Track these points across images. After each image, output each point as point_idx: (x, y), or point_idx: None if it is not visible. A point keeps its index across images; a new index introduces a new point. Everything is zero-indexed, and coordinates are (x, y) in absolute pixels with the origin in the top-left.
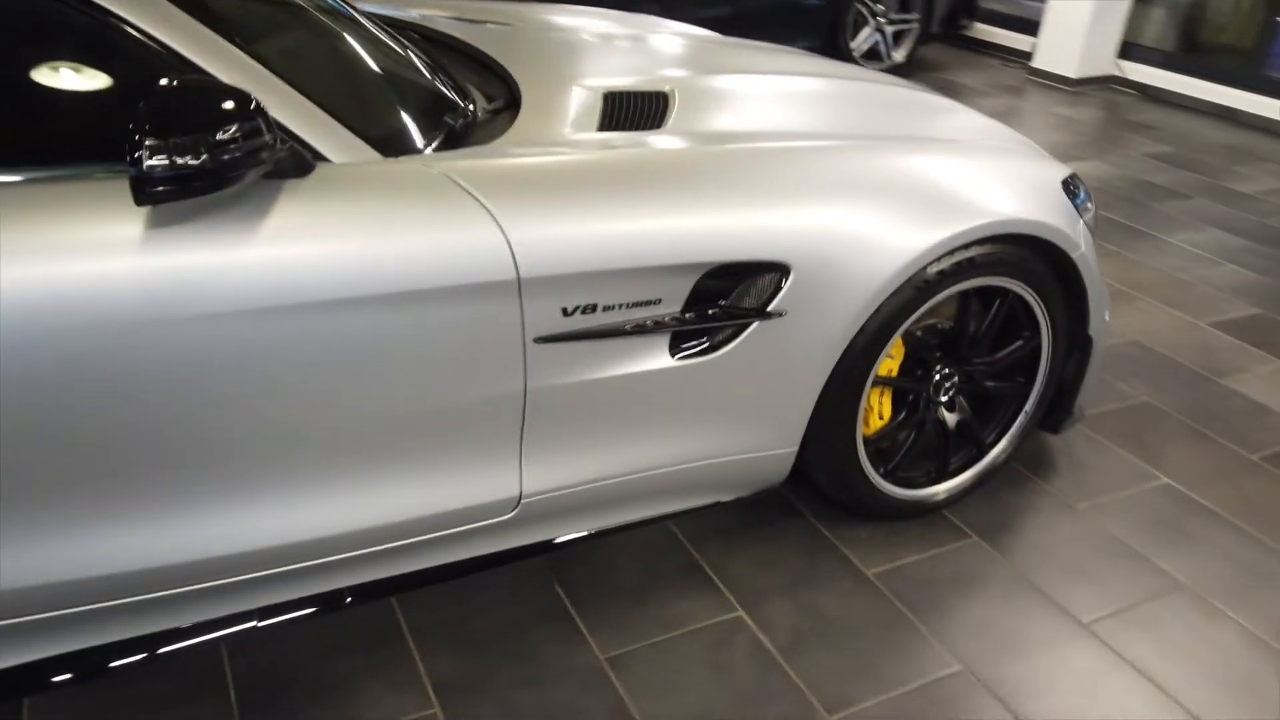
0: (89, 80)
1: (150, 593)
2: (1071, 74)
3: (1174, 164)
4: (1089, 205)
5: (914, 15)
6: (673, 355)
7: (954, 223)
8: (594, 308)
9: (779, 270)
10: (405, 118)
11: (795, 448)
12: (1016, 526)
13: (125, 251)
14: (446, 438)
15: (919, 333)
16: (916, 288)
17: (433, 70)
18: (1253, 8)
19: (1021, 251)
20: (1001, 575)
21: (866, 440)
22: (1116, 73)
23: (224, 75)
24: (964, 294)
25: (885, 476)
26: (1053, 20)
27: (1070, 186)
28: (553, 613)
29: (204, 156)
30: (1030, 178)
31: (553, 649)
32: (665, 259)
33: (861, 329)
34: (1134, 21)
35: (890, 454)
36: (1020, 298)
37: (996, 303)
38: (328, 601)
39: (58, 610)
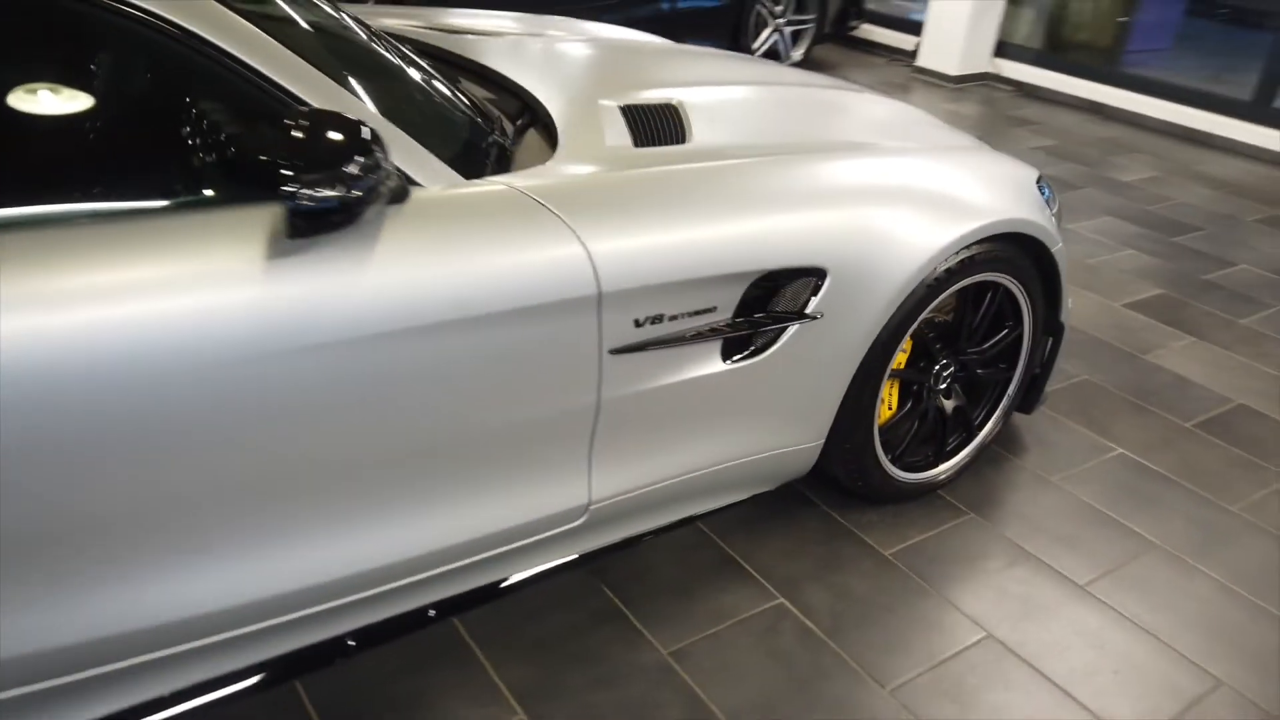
0: (200, 114)
1: (264, 621)
2: (953, 71)
3: (1059, 156)
4: (1054, 202)
5: (810, 16)
6: (724, 360)
7: (962, 224)
8: (660, 318)
9: (816, 274)
10: (470, 140)
11: (822, 441)
12: (1004, 501)
13: (261, 281)
14: (525, 450)
15: (925, 327)
16: (928, 285)
17: (461, 90)
18: (1109, 9)
19: (1011, 248)
20: (1001, 547)
21: (879, 430)
22: (993, 70)
23: (326, 107)
24: (962, 289)
25: (894, 463)
26: (934, 21)
27: (1039, 185)
28: (607, 614)
29: (342, 190)
30: (1013, 179)
31: (616, 649)
32: (723, 268)
33: (885, 326)
34: (1007, 22)
35: (896, 442)
36: (1008, 290)
37: (989, 296)
38: (409, 621)
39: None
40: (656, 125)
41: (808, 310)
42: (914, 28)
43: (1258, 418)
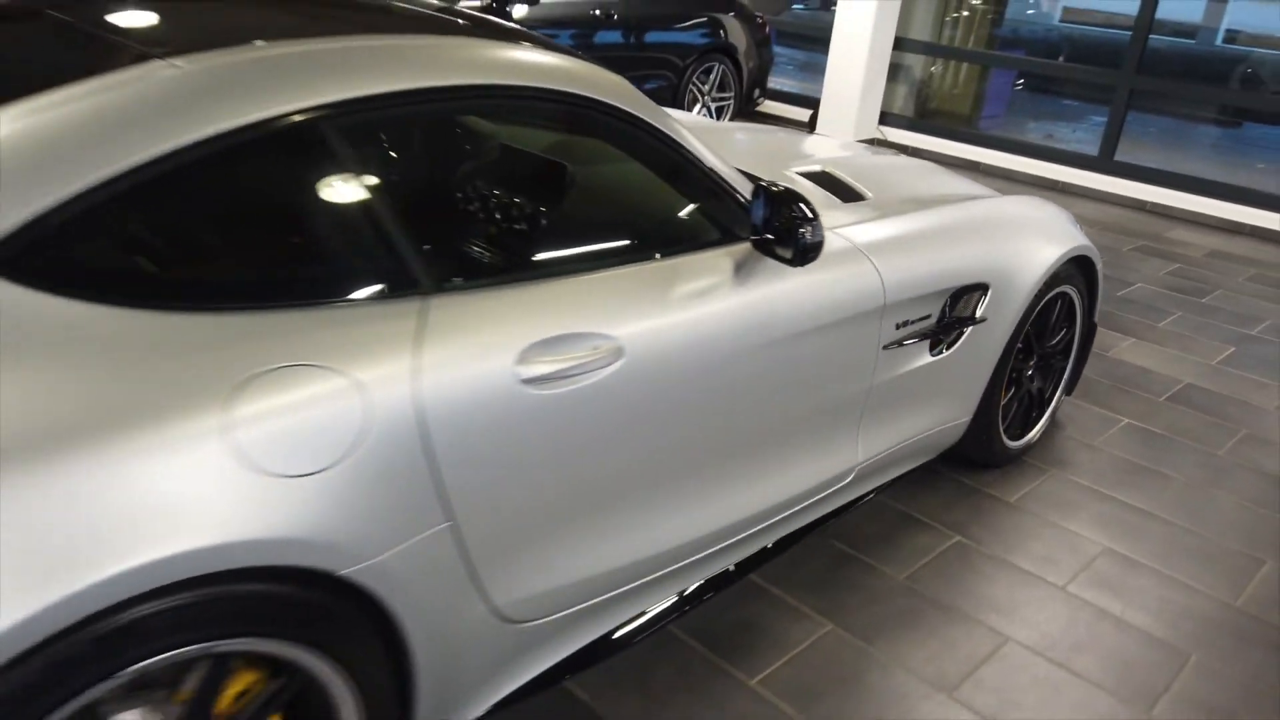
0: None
1: (690, 557)
2: (849, 138)
3: None
4: None
5: (729, 94)
6: (931, 354)
7: (1058, 248)
8: (908, 322)
9: (981, 288)
10: None
11: (970, 418)
12: (1067, 461)
13: (725, 301)
14: (832, 421)
15: (1028, 327)
16: (1037, 295)
17: None
18: (965, 82)
19: (1074, 267)
20: (1080, 493)
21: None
22: (880, 136)
23: (727, 175)
24: (1049, 299)
25: (1005, 432)
26: (830, 95)
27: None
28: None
29: (810, 235)
30: (1066, 214)
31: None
32: (940, 285)
33: (1016, 327)
34: (887, 95)
35: (1005, 417)
36: (1070, 299)
37: (1059, 304)
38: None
39: (638, 579)
40: (839, 188)
41: (977, 315)
42: (804, 101)
43: (1205, 391)
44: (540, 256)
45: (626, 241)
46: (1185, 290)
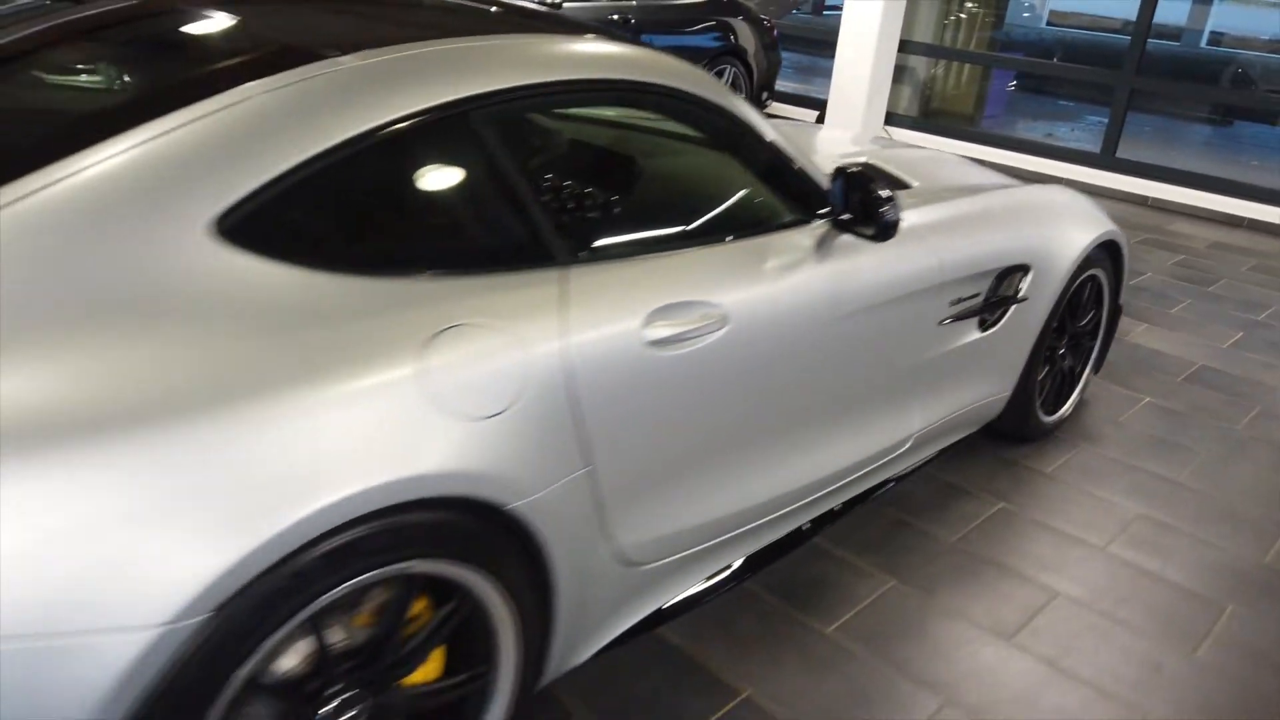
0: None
1: (747, 525)
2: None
3: None
4: None
5: (740, 95)
6: (979, 330)
7: (1090, 233)
8: (960, 300)
9: (1023, 269)
10: None
11: (1011, 392)
12: (1103, 435)
13: (810, 276)
14: (890, 393)
15: (1062, 307)
16: (1072, 276)
17: None
18: (967, 82)
19: (1103, 252)
20: (1111, 466)
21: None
22: (885, 136)
23: (799, 158)
24: (1081, 281)
25: (1040, 407)
26: (837, 96)
27: None
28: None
29: (892, 212)
30: (1093, 202)
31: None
32: (989, 265)
33: (1053, 306)
34: (892, 96)
35: (1040, 392)
36: (1099, 282)
37: (1089, 286)
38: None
39: (732, 530)
40: (883, 177)
41: (1020, 295)
42: (809, 102)
43: (1218, 372)
44: (653, 234)
45: (724, 220)
46: (1192, 280)
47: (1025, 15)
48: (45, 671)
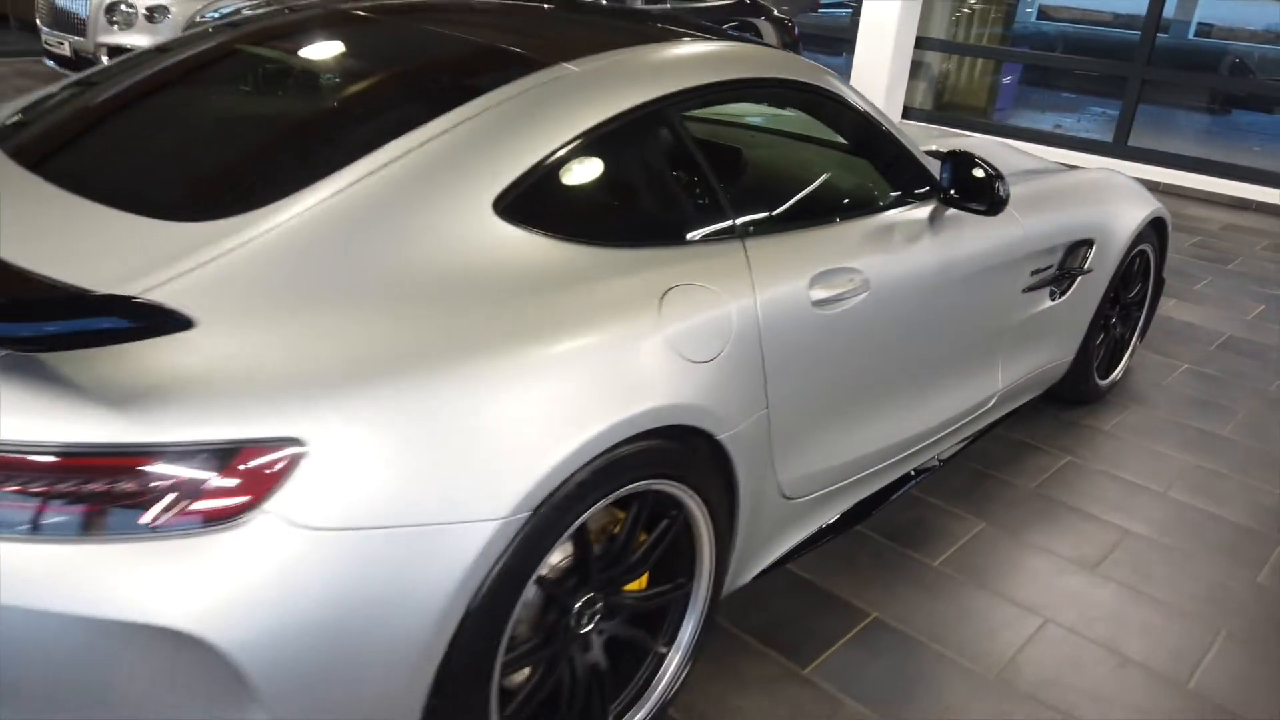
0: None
1: (872, 467)
2: None
3: None
4: None
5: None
6: (1051, 300)
7: (1143, 211)
8: (1038, 270)
9: (1088, 243)
10: None
11: (1073, 356)
12: (1145, 399)
13: (927, 246)
14: (982, 353)
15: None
16: (1126, 249)
17: None
18: (980, 75)
19: (1151, 229)
20: (1165, 425)
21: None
22: None
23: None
24: (1134, 254)
25: (1095, 371)
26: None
27: None
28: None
29: (1003, 189)
30: (1138, 184)
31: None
32: (1061, 239)
33: (1112, 277)
34: (908, 91)
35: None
36: (1147, 256)
37: (1138, 259)
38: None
39: (861, 472)
40: None
41: (1086, 266)
42: None
43: (1246, 340)
44: (802, 210)
45: (857, 199)
46: (1211, 259)
47: (1027, 11)
48: (421, 553)
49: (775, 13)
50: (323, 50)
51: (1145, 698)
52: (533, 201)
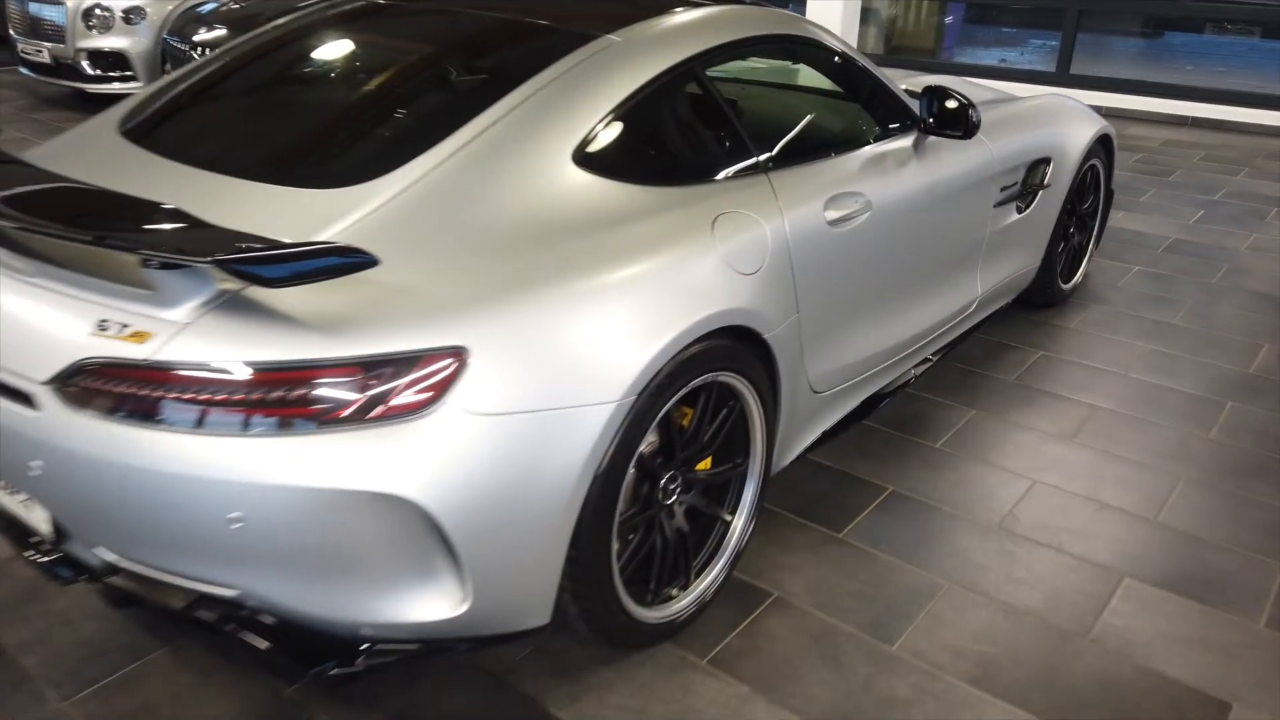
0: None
1: (881, 364)
2: None
3: None
4: None
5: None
6: (1018, 213)
7: (1090, 127)
8: (1005, 187)
9: (1046, 161)
10: None
11: (1039, 263)
12: (1107, 297)
13: (914, 171)
14: (963, 262)
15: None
16: (1079, 165)
17: None
18: (926, 17)
19: (1099, 146)
20: (1124, 319)
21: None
22: None
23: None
24: (1083, 170)
25: (1059, 275)
26: None
27: None
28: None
29: (975, 116)
30: (1085, 106)
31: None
32: (1024, 158)
33: (1067, 192)
34: (861, 36)
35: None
36: (1097, 170)
37: (1089, 173)
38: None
39: (872, 369)
40: None
41: (1045, 182)
42: None
43: (1189, 243)
44: (808, 146)
45: (853, 133)
46: (1153, 173)
47: None
48: (559, 432)
49: None
50: (412, 35)
51: (1122, 530)
52: (602, 152)
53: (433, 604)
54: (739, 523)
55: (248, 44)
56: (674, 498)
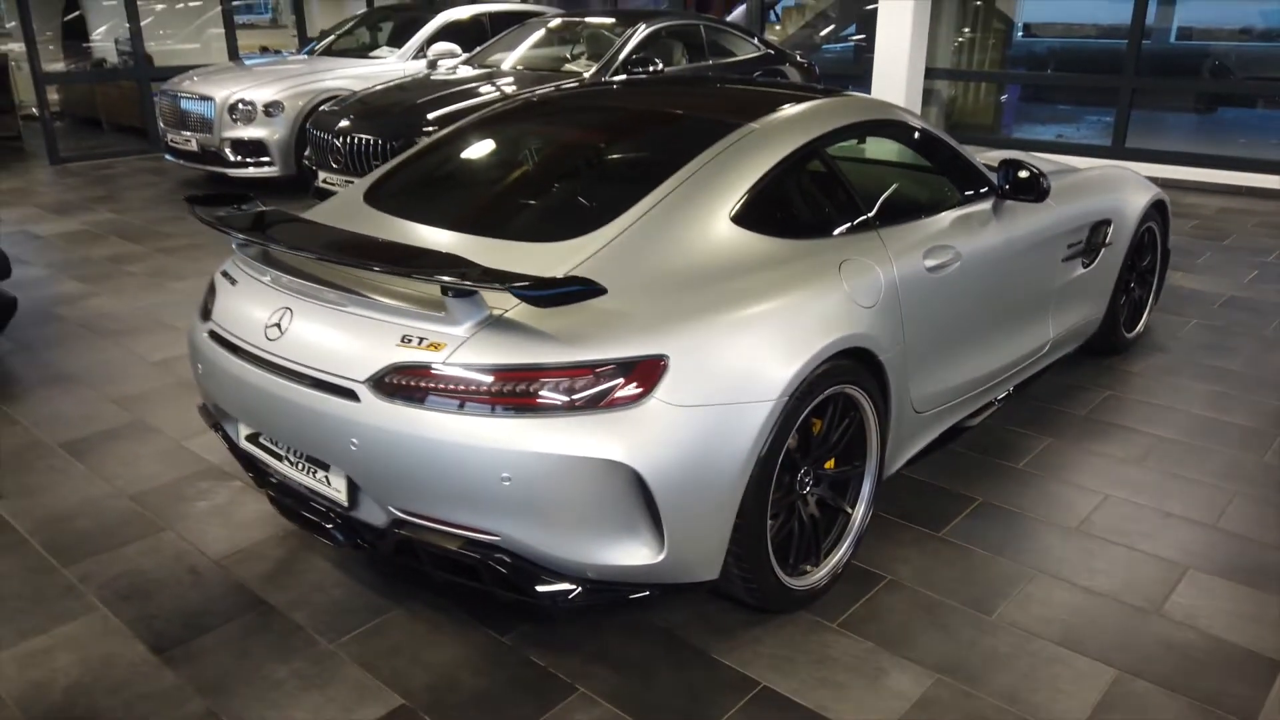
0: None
1: (968, 394)
2: None
3: None
4: None
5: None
6: (1083, 268)
7: (1147, 194)
8: (1071, 245)
9: (1107, 222)
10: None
11: (1103, 314)
12: (1167, 346)
13: (994, 229)
14: (1038, 308)
15: (1136, 252)
16: (1137, 226)
17: None
18: (984, 96)
19: (1155, 210)
20: (1184, 364)
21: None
22: None
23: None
24: (1144, 230)
25: (1122, 325)
26: None
27: None
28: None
29: (1047, 183)
30: (1141, 176)
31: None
32: (1088, 219)
33: (1128, 249)
34: (924, 116)
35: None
36: (1154, 231)
37: (1146, 234)
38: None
39: (961, 396)
40: None
41: (1107, 241)
42: None
43: (1244, 299)
44: (909, 208)
45: (943, 199)
46: (1208, 237)
47: (1016, 32)
48: (732, 421)
49: (797, 57)
50: (603, 124)
51: (1185, 533)
52: (752, 213)
53: (639, 551)
54: (859, 512)
55: (464, 130)
56: (808, 489)
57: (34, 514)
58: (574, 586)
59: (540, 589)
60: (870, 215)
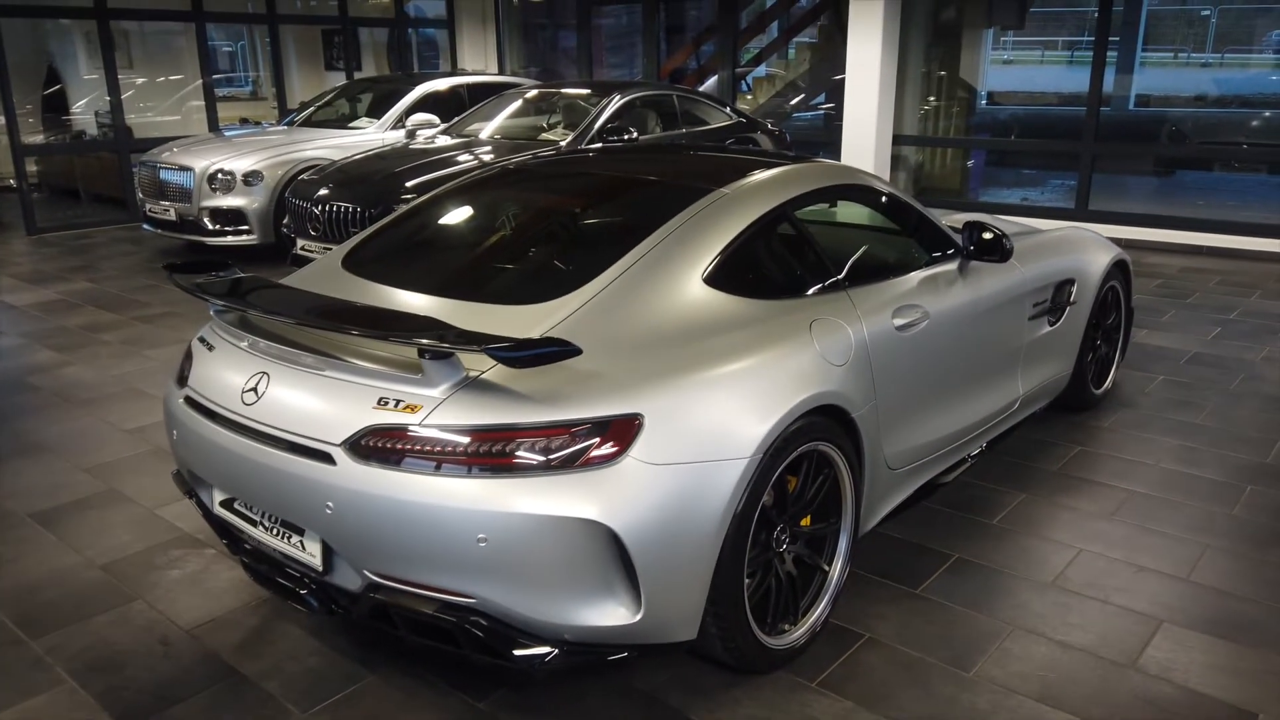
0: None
1: (941, 450)
2: None
3: None
4: None
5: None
6: (1049, 326)
7: (1108, 254)
8: (1037, 304)
9: (1071, 281)
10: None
11: (1071, 370)
12: (1136, 401)
13: (960, 289)
14: (1005, 366)
15: (1098, 310)
16: (1100, 285)
17: None
18: (951, 161)
19: (1118, 269)
20: (1152, 419)
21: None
22: None
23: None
24: (1106, 290)
25: (1090, 381)
26: None
27: None
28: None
29: (1009, 244)
30: (1102, 237)
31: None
32: (1052, 279)
33: (1092, 307)
34: (892, 181)
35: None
36: (1117, 290)
37: (1110, 293)
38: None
39: (934, 453)
40: None
41: (1071, 299)
42: None
43: (1209, 355)
44: (877, 269)
45: (909, 260)
46: (1172, 296)
47: (980, 100)
48: (708, 478)
49: (769, 125)
50: (576, 190)
51: (1159, 586)
52: (724, 275)
53: (617, 611)
54: (836, 569)
55: (441, 196)
56: (784, 546)
57: (1, 586)
58: (551, 650)
59: (517, 653)
60: (840, 276)
